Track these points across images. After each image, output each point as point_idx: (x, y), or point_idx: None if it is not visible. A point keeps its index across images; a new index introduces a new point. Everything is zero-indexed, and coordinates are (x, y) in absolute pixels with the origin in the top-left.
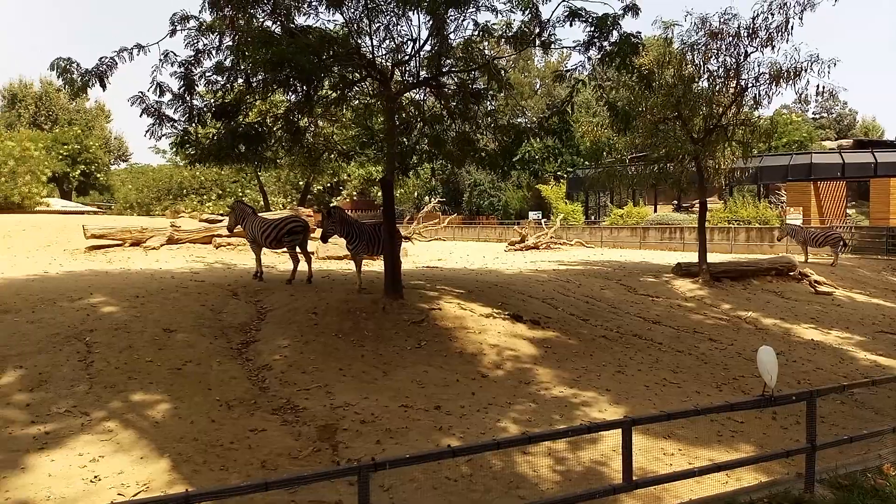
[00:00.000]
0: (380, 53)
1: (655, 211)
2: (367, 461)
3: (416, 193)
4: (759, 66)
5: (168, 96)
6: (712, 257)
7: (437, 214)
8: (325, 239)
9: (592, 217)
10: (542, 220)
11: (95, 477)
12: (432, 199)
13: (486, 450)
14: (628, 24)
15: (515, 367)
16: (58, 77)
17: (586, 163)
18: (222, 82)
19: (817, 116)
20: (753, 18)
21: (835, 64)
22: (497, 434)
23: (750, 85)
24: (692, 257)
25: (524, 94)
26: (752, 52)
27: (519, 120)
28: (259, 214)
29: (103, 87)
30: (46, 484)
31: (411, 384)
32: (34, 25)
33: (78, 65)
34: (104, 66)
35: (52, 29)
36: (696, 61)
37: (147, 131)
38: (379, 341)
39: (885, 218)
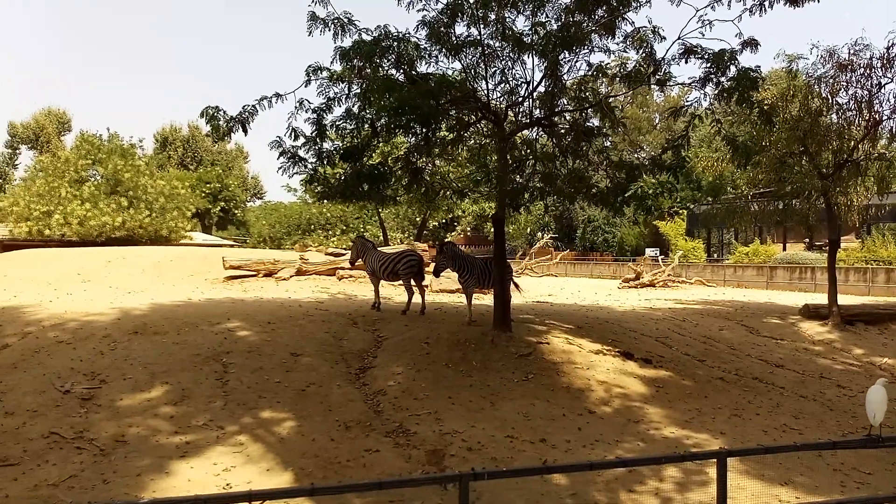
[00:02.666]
0: (494, 96)
1: (784, 249)
2: (468, 471)
3: (528, 229)
4: (894, 97)
5: (301, 140)
6: (847, 299)
7: (550, 250)
8: (437, 273)
9: (715, 255)
10: (660, 257)
11: (227, 485)
12: (545, 235)
13: (578, 469)
14: (747, 59)
15: (624, 405)
16: (206, 123)
17: (708, 198)
18: (350, 127)
19: None
20: (888, 48)
21: None
22: (603, 472)
23: (885, 117)
24: (823, 299)
25: (642, 129)
26: (886, 83)
27: (636, 155)
28: (378, 249)
29: (245, 132)
30: (186, 488)
31: (517, 416)
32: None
33: (224, 112)
34: (246, 114)
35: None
36: (824, 94)
37: (279, 168)
38: (486, 372)
39: None
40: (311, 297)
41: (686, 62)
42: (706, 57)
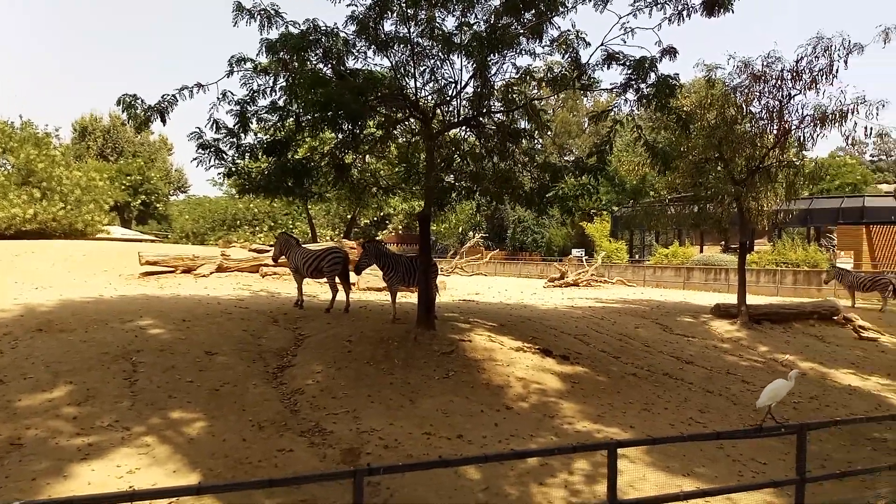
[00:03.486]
0: (423, 94)
1: (701, 251)
2: (363, 467)
3: (460, 229)
4: (802, 108)
5: (223, 132)
6: (757, 299)
7: (481, 250)
8: (358, 271)
9: (637, 256)
10: (585, 258)
11: (130, 487)
12: (476, 235)
13: (473, 462)
14: (666, 67)
15: (541, 401)
16: (122, 112)
17: (630, 201)
18: (274, 120)
19: (875, 159)
20: (797, 61)
21: (883, 106)
22: (516, 465)
23: (794, 127)
24: (734, 299)
25: (572, 132)
26: (795, 95)
27: (562, 158)
28: (302, 246)
29: (164, 122)
30: (85, 491)
31: (436, 413)
32: (108, 64)
33: (142, 101)
34: (165, 103)
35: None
36: (739, 103)
37: (194, 160)
38: (408, 370)
39: None
40: (231, 294)
41: (609, 68)
42: (627, 64)
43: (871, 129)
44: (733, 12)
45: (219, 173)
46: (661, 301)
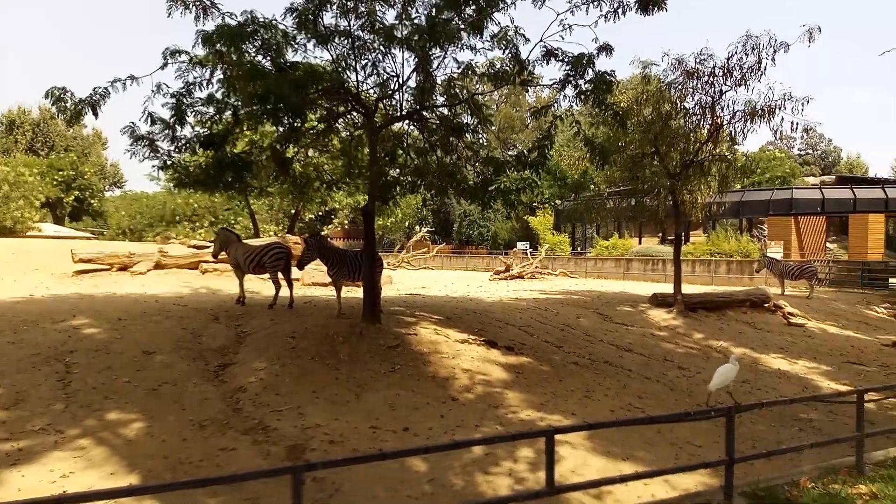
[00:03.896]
0: (365, 88)
1: (640, 243)
2: (303, 463)
3: (406, 223)
4: (734, 104)
5: (159, 125)
6: (692, 288)
7: (427, 244)
8: (300, 266)
9: (579, 248)
10: (529, 251)
11: (63, 491)
12: (422, 229)
13: (413, 454)
14: (603, 64)
15: (485, 391)
16: (52, 105)
17: (572, 195)
18: (211, 113)
19: (803, 153)
20: (728, 59)
21: (808, 102)
22: (461, 456)
23: (725, 122)
24: (671, 288)
25: (515, 127)
26: (726, 91)
27: (505, 153)
28: (244, 241)
29: (95, 115)
30: (14, 498)
31: (382, 406)
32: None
33: (72, 94)
34: (97, 96)
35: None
36: (673, 99)
37: (127, 151)
38: (354, 365)
39: (862, 252)
40: (169, 292)
41: (548, 64)
42: (566, 60)
43: (798, 124)
44: (666, 10)
45: (153, 166)
46: (602, 291)
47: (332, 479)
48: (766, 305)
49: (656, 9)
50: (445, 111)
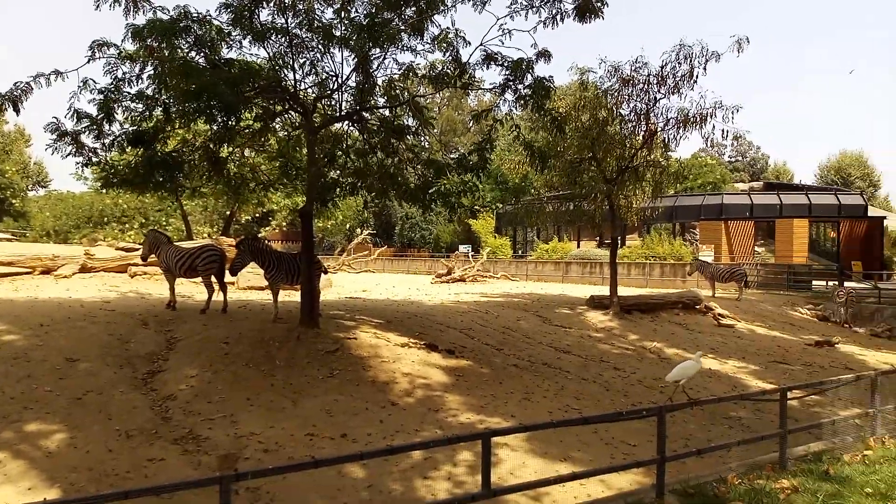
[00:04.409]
0: (303, 87)
1: (579, 246)
2: (231, 472)
3: (347, 225)
4: (667, 111)
5: (85, 122)
6: (628, 291)
7: (368, 246)
8: (233, 272)
9: (520, 251)
10: (471, 254)
11: None
12: (363, 232)
13: (350, 460)
14: (542, 69)
15: (426, 395)
16: None
17: (513, 199)
18: (141, 110)
19: (733, 160)
20: (662, 67)
21: (738, 110)
22: (400, 460)
23: (659, 129)
24: (608, 291)
25: (457, 130)
26: (661, 99)
27: (446, 155)
28: (175, 243)
29: (17, 111)
30: None
31: (320, 413)
32: None
33: None
34: (18, 91)
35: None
36: (610, 106)
37: (49, 147)
38: (290, 370)
39: (788, 256)
40: (96, 296)
41: (489, 68)
42: (505, 64)
43: (728, 131)
44: (603, 18)
45: (77, 164)
46: (542, 294)
47: (267, 488)
48: (698, 307)
49: (593, 16)
50: (386, 112)
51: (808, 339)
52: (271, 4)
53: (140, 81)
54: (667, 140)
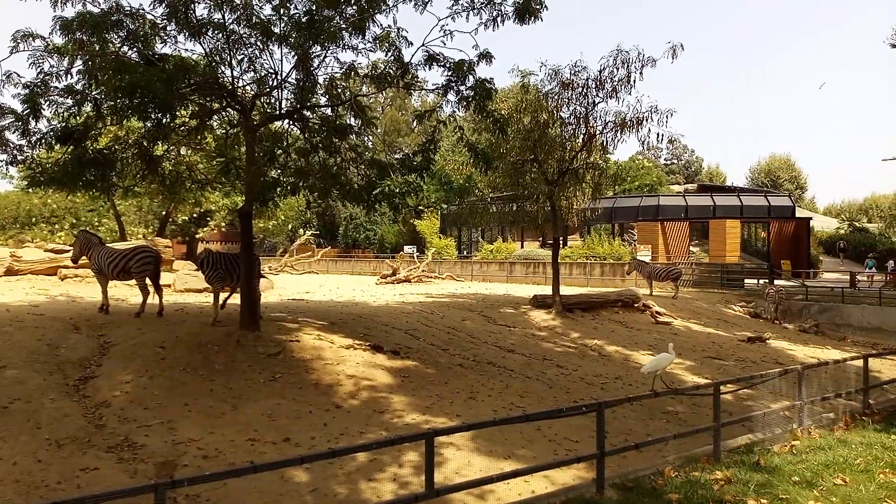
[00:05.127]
0: (241, 84)
1: (522, 247)
2: (166, 480)
3: (289, 226)
4: (605, 115)
5: (9, 117)
6: (569, 290)
7: (312, 247)
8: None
9: (465, 252)
10: (416, 254)
11: None
12: (306, 232)
13: (290, 465)
14: (484, 71)
15: (371, 397)
16: None
17: (457, 199)
18: (69, 105)
19: (668, 163)
20: (600, 71)
21: (672, 114)
22: (345, 463)
23: (598, 132)
24: (551, 290)
25: (401, 131)
26: (599, 102)
27: (390, 156)
28: (107, 245)
29: None
30: None
31: (261, 417)
32: None
33: None
34: None
35: None
36: (550, 108)
37: None
38: (230, 375)
39: (721, 255)
40: (23, 300)
41: (431, 69)
42: (447, 65)
43: (663, 135)
44: (542, 20)
45: (1, 161)
46: (487, 294)
47: (207, 495)
48: (636, 305)
49: (532, 18)
50: (328, 111)
51: (741, 335)
52: None
53: (69, 76)
54: (605, 143)
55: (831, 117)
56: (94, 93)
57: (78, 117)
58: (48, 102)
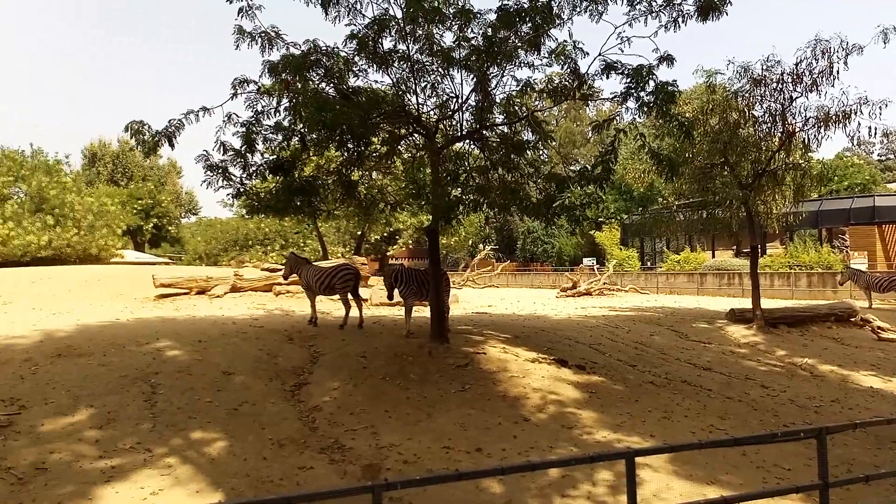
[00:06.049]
0: (425, 110)
1: (713, 256)
2: (382, 482)
3: (470, 241)
4: (805, 110)
5: (230, 154)
6: (772, 303)
7: (491, 262)
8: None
9: (648, 263)
10: (596, 267)
11: None
12: (486, 247)
13: (489, 475)
14: (664, 74)
15: (558, 411)
16: (131, 137)
17: (639, 209)
18: (279, 140)
19: (883, 158)
20: (796, 64)
21: (886, 105)
22: (536, 478)
23: (798, 129)
24: (749, 303)
25: (577, 142)
26: (797, 97)
27: (568, 168)
28: (313, 263)
29: (172, 146)
30: None
31: (454, 426)
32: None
33: (149, 126)
34: (172, 128)
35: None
36: (741, 107)
37: (204, 181)
38: (424, 384)
39: None
40: (245, 314)
41: (608, 77)
42: (626, 72)
43: (876, 128)
44: (727, 14)
45: (228, 194)
46: (675, 307)
47: (409, 498)
48: (853, 319)
49: (716, 14)
50: (505, 129)
51: None
52: (393, 32)
53: (277, 114)
54: (807, 140)
55: None
56: (298, 127)
57: (286, 150)
58: (261, 138)
